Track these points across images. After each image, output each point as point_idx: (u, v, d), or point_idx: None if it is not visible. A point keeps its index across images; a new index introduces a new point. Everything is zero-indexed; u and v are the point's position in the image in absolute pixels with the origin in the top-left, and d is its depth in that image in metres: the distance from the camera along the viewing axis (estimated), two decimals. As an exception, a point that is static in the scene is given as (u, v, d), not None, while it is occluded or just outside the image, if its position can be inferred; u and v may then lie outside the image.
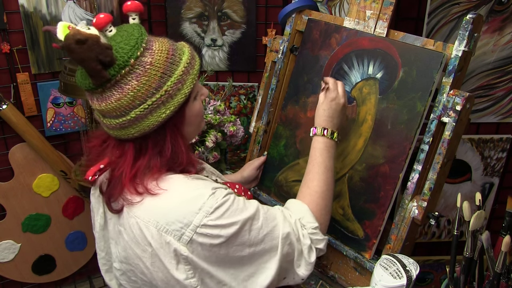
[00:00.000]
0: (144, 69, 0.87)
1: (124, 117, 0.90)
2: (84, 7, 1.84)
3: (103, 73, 0.84)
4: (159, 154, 0.94)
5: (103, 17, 0.89)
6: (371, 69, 1.25)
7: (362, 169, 1.25)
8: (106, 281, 1.12)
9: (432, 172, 1.13)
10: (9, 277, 2.02)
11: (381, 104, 1.22)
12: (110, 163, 0.97)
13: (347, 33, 1.32)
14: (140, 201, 0.92)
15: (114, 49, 0.86)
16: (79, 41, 0.80)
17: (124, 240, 0.96)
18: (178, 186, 0.94)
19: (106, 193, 0.97)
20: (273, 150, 1.49)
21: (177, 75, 0.91)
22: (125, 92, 0.87)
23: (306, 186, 1.12)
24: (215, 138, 1.62)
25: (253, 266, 0.97)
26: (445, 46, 1.13)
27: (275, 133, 1.50)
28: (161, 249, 0.91)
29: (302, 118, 1.42)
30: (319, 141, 1.14)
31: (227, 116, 1.73)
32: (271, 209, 1.02)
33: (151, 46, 0.89)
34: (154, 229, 0.91)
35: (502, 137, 1.75)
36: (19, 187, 1.94)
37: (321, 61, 1.38)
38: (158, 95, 0.89)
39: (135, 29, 0.90)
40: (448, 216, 1.86)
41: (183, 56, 0.93)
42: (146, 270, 0.94)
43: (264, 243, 0.96)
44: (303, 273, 1.02)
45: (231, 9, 1.94)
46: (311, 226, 1.04)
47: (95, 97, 0.90)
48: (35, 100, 1.88)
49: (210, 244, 0.90)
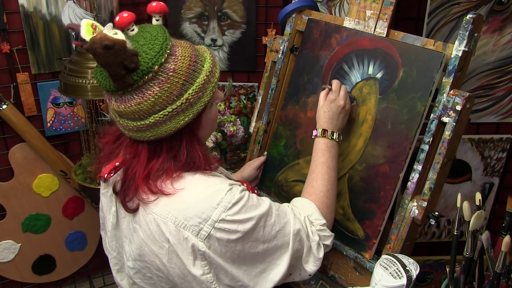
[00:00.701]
0: (167, 76, 0.87)
1: (142, 121, 0.89)
2: (84, 7, 1.84)
3: (127, 77, 0.83)
4: (174, 159, 0.94)
5: (127, 16, 0.88)
6: (371, 69, 1.26)
7: (362, 169, 1.25)
8: (116, 281, 1.12)
9: (432, 172, 1.13)
10: (9, 277, 2.02)
11: (381, 104, 1.22)
12: (124, 162, 0.96)
13: (347, 33, 1.32)
14: (155, 200, 0.93)
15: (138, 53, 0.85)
16: (106, 46, 0.78)
17: (139, 238, 0.96)
18: (195, 183, 0.94)
19: (120, 193, 0.97)
20: (273, 150, 1.49)
21: (198, 83, 0.90)
22: (146, 97, 0.86)
23: (311, 185, 1.13)
24: (215, 138, 1.62)
25: (265, 263, 0.98)
26: (445, 46, 1.13)
27: (275, 133, 1.50)
28: (179, 245, 0.92)
29: (302, 118, 1.42)
30: (320, 142, 1.16)
31: (227, 116, 1.73)
32: (282, 206, 1.03)
33: (175, 52, 0.88)
34: (172, 225, 0.91)
35: (502, 137, 1.75)
36: (19, 187, 1.94)
37: (321, 61, 1.38)
38: (178, 102, 0.88)
39: (159, 32, 0.88)
40: (448, 216, 1.86)
41: (205, 64, 0.93)
42: (162, 266, 0.95)
43: (276, 239, 0.97)
44: (311, 269, 1.04)
45: (231, 9, 1.94)
46: (319, 223, 1.06)
47: (114, 98, 0.90)
48: (35, 100, 1.88)
49: (227, 239, 0.91)
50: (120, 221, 1.04)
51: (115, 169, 0.97)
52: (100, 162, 1.00)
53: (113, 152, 0.99)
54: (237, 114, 2.07)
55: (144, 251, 0.96)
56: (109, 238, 1.09)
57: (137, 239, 0.97)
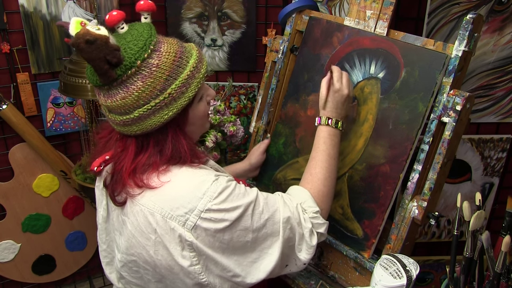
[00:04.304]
0: (150, 71, 0.89)
1: (127, 115, 0.91)
2: (84, 7, 1.84)
3: (110, 72, 0.86)
4: (160, 153, 0.95)
5: (116, 15, 0.91)
6: (373, 69, 1.25)
7: (362, 169, 1.25)
8: (106, 274, 1.14)
9: (432, 172, 1.13)
10: (9, 277, 2.02)
11: (383, 104, 1.22)
12: (114, 156, 0.98)
13: (349, 32, 1.32)
14: (141, 193, 0.94)
15: (123, 48, 0.88)
16: (88, 41, 0.81)
17: (127, 230, 0.98)
18: (182, 175, 0.95)
19: (109, 187, 0.98)
20: (272, 148, 1.49)
21: (182, 78, 0.92)
22: (130, 91, 0.89)
23: (309, 172, 1.13)
24: (215, 138, 1.62)
25: (256, 252, 0.98)
26: (445, 46, 1.13)
27: (275, 131, 1.50)
28: (166, 235, 0.92)
29: (302, 117, 1.41)
30: (323, 130, 1.16)
31: (227, 116, 1.73)
32: (270, 195, 1.04)
33: (159, 48, 0.91)
34: (159, 216, 0.92)
35: (502, 137, 1.75)
36: (19, 187, 1.94)
37: (322, 60, 1.38)
38: (161, 97, 0.90)
39: (145, 29, 0.91)
40: (448, 216, 1.85)
41: (190, 59, 0.94)
42: (149, 258, 0.95)
43: (266, 227, 0.98)
44: (305, 257, 1.04)
45: (231, 9, 1.94)
46: (312, 211, 1.06)
47: (102, 93, 0.93)
48: (35, 100, 1.88)
49: (214, 229, 0.92)
50: (110, 214, 1.05)
51: (105, 162, 0.99)
52: (94, 156, 1.02)
53: (105, 146, 1.01)
54: (237, 114, 2.07)
55: (132, 243, 0.97)
56: (100, 231, 1.11)
57: (125, 231, 0.98)
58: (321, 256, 1.34)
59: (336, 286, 1.30)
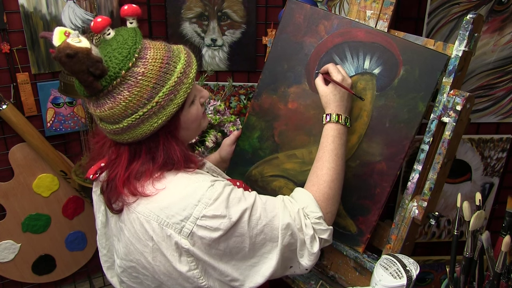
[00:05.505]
0: (136, 80, 0.87)
1: (117, 125, 0.91)
2: (84, 7, 1.84)
3: (95, 83, 0.85)
4: (152, 160, 0.95)
5: (101, 21, 0.90)
6: (367, 64, 1.22)
7: (355, 166, 1.23)
8: (107, 278, 1.13)
9: (432, 172, 1.13)
10: (9, 277, 2.02)
11: (379, 101, 1.20)
12: (108, 163, 0.98)
13: (338, 21, 1.26)
14: (136, 200, 0.94)
15: (108, 57, 0.86)
16: (69, 55, 0.80)
17: (125, 237, 0.97)
18: (177, 182, 0.94)
19: (105, 195, 0.97)
20: (245, 142, 1.39)
21: (169, 85, 0.90)
22: (117, 101, 0.88)
23: (315, 174, 1.09)
24: (215, 138, 1.62)
25: (255, 257, 0.97)
26: (445, 46, 1.13)
27: (247, 123, 1.40)
28: (163, 243, 0.92)
29: (282, 110, 1.34)
30: (333, 128, 1.12)
31: (227, 116, 1.73)
32: (270, 199, 1.01)
33: (145, 55, 0.89)
34: (155, 223, 0.92)
35: (502, 137, 1.75)
36: (19, 187, 1.93)
37: (306, 49, 1.30)
38: (149, 106, 0.89)
39: (130, 35, 0.90)
40: (448, 216, 1.85)
41: (177, 65, 0.92)
42: (148, 265, 0.95)
43: (264, 233, 0.96)
44: (306, 263, 1.02)
45: (231, 9, 1.94)
46: (315, 216, 1.03)
47: (91, 103, 0.92)
48: (35, 100, 1.88)
49: (210, 238, 0.91)
50: (109, 219, 1.05)
51: (100, 169, 0.99)
52: (89, 162, 1.01)
53: (100, 153, 1.01)
54: (237, 114, 2.07)
55: (130, 250, 0.97)
56: (99, 236, 1.10)
57: (123, 237, 0.98)
58: (321, 256, 1.34)
59: (336, 286, 1.30)
